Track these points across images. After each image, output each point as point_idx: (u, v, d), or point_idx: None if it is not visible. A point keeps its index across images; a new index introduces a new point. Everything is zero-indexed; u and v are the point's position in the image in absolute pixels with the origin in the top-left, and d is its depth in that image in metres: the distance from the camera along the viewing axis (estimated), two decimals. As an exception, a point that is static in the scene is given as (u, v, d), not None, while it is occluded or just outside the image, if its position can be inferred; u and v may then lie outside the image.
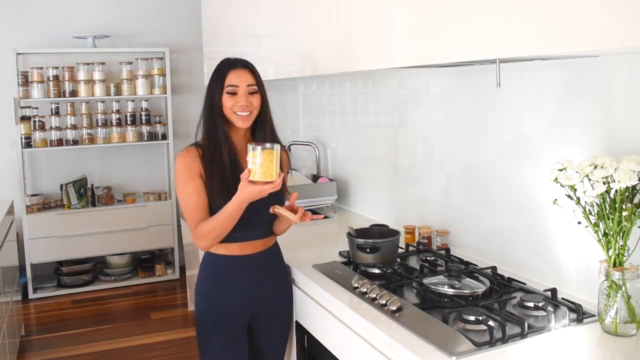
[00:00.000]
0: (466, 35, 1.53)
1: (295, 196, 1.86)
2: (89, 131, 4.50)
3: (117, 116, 4.59)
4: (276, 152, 1.71)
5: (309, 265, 2.11)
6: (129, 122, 4.60)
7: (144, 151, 4.89)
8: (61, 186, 4.50)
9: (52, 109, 4.43)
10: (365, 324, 1.63)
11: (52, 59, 4.47)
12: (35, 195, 4.51)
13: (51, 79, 4.37)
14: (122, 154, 4.83)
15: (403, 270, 2.00)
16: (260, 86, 1.89)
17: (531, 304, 1.64)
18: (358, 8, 2.04)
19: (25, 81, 4.32)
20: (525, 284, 1.84)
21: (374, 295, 1.75)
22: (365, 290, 1.80)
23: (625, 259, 1.48)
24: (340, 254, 2.25)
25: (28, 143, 4.35)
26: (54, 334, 3.81)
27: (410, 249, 2.27)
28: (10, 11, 4.46)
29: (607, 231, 1.47)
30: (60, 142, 4.42)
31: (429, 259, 2.10)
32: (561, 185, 1.52)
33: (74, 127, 4.46)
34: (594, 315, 1.58)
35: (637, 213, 1.43)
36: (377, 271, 2.01)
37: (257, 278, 1.95)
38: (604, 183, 1.43)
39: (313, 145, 3.37)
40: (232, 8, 3.33)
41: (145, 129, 4.64)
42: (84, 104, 4.50)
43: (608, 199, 1.45)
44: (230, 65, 1.87)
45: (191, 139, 1.96)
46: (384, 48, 1.91)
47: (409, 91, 2.56)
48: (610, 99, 1.62)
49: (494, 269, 1.97)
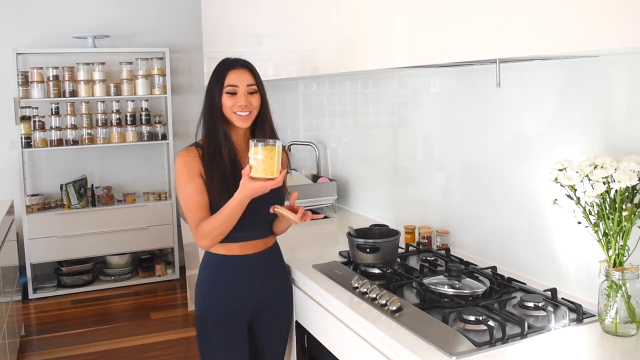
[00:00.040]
0: (466, 35, 1.53)
1: (295, 196, 1.87)
2: (89, 131, 4.50)
3: (117, 116, 4.59)
4: (278, 148, 1.70)
5: (309, 265, 2.11)
6: (129, 122, 4.60)
7: (144, 151, 4.89)
8: (61, 186, 4.50)
9: (52, 109, 4.43)
10: (365, 324, 1.63)
11: (52, 59, 4.47)
12: (35, 195, 4.51)
13: (51, 79, 4.36)
14: (122, 154, 4.83)
15: (403, 270, 2.00)
16: (259, 86, 1.89)
17: (531, 304, 1.64)
18: (358, 8, 2.04)
19: (25, 81, 4.32)
20: (525, 284, 1.84)
21: (374, 295, 1.74)
22: (365, 290, 1.80)
23: (625, 259, 1.48)
24: (340, 254, 2.25)
25: (28, 143, 4.34)
26: (54, 334, 3.81)
27: (410, 249, 2.27)
28: (10, 11, 4.46)
29: (607, 231, 1.47)
30: (60, 142, 4.42)
31: (429, 259, 2.10)
32: (561, 185, 1.52)
33: (74, 127, 4.46)
34: (594, 315, 1.58)
35: (637, 213, 1.43)
36: (377, 271, 2.01)
37: (257, 278, 1.96)
38: (604, 183, 1.43)
39: (313, 145, 3.37)
40: (232, 8, 3.33)
41: (145, 129, 4.64)
42: (84, 104, 4.50)
43: (608, 199, 1.45)
44: (230, 65, 1.87)
45: (191, 139, 1.96)
46: (384, 48, 1.91)
47: (409, 91, 2.56)
48: (610, 99, 1.62)
49: (494, 269, 1.97)
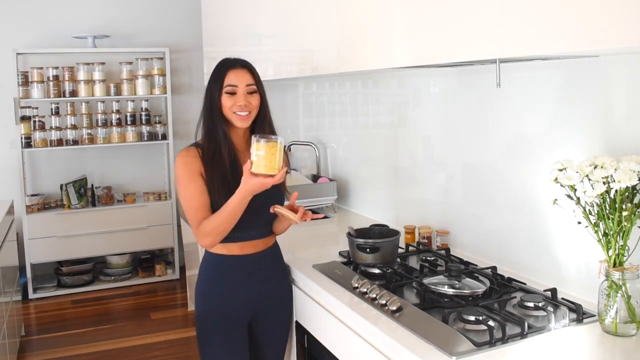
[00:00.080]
0: (466, 35, 1.53)
1: (295, 195, 1.87)
2: (89, 131, 4.50)
3: (117, 116, 4.59)
4: (280, 144, 1.70)
5: (309, 265, 2.11)
6: (129, 122, 4.60)
7: (144, 151, 4.89)
8: (61, 186, 4.50)
9: (52, 109, 4.43)
10: (365, 324, 1.63)
11: (52, 59, 4.47)
12: (35, 195, 4.51)
13: (51, 79, 4.36)
14: (122, 154, 4.83)
15: (403, 270, 2.00)
16: (259, 86, 1.89)
17: (531, 304, 1.64)
18: (358, 8, 2.04)
19: (25, 81, 4.32)
20: (525, 284, 1.84)
21: (374, 295, 1.74)
22: (365, 290, 1.80)
23: (625, 259, 1.48)
24: (340, 254, 2.25)
25: (28, 143, 4.34)
26: (54, 334, 3.81)
27: (410, 249, 2.27)
28: (10, 11, 4.46)
29: (607, 231, 1.47)
30: (60, 142, 4.42)
31: (429, 259, 2.10)
32: (561, 185, 1.52)
33: (74, 127, 4.46)
34: (594, 315, 1.58)
35: (637, 213, 1.43)
36: (377, 271, 2.01)
37: (257, 278, 1.95)
38: (604, 183, 1.43)
39: (313, 145, 3.37)
40: (232, 8, 3.33)
41: (145, 129, 4.64)
42: (84, 104, 4.50)
43: (608, 199, 1.45)
44: (229, 65, 1.87)
45: (191, 139, 1.96)
46: (384, 48, 1.91)
47: (409, 91, 2.56)
48: (610, 99, 1.62)
49: (494, 269, 1.97)
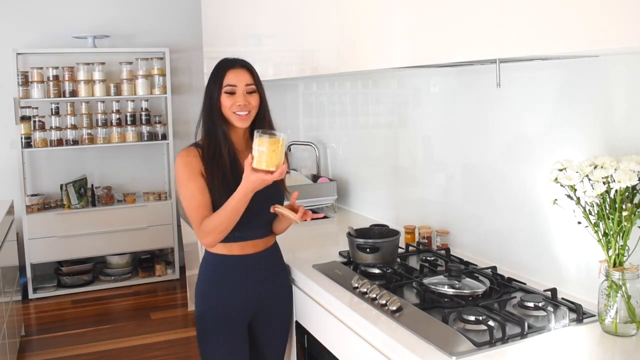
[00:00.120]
0: (466, 35, 1.53)
1: (295, 195, 1.87)
2: (89, 131, 4.50)
3: (117, 116, 4.59)
4: (282, 141, 1.70)
5: (309, 265, 2.10)
6: (129, 122, 4.60)
7: (144, 151, 4.89)
8: (61, 186, 4.50)
9: (52, 109, 4.43)
10: (365, 324, 1.63)
11: (52, 59, 4.47)
12: (35, 195, 4.51)
13: (51, 79, 4.37)
14: (122, 154, 4.83)
15: (403, 270, 2.00)
16: (258, 86, 1.89)
17: (531, 304, 1.64)
18: (358, 8, 2.04)
19: (25, 81, 4.32)
20: (525, 284, 1.84)
21: (374, 295, 1.74)
22: (365, 290, 1.80)
23: (625, 259, 1.48)
24: (340, 254, 2.25)
25: (28, 143, 4.35)
26: (54, 334, 3.81)
27: (410, 249, 2.27)
28: (10, 11, 4.46)
29: (607, 231, 1.47)
30: (60, 142, 4.42)
31: (429, 259, 2.10)
32: (561, 185, 1.52)
33: (74, 127, 4.46)
34: (594, 315, 1.58)
35: (637, 213, 1.43)
36: (377, 271, 2.01)
37: (257, 278, 1.95)
38: (604, 183, 1.43)
39: (313, 145, 3.37)
40: (232, 8, 3.33)
41: (145, 129, 4.64)
42: (84, 104, 4.50)
43: (608, 199, 1.45)
44: (229, 65, 1.87)
45: (191, 139, 1.96)
46: (384, 48, 1.91)
47: (409, 91, 2.56)
48: (610, 99, 1.62)
49: (494, 269, 1.96)
